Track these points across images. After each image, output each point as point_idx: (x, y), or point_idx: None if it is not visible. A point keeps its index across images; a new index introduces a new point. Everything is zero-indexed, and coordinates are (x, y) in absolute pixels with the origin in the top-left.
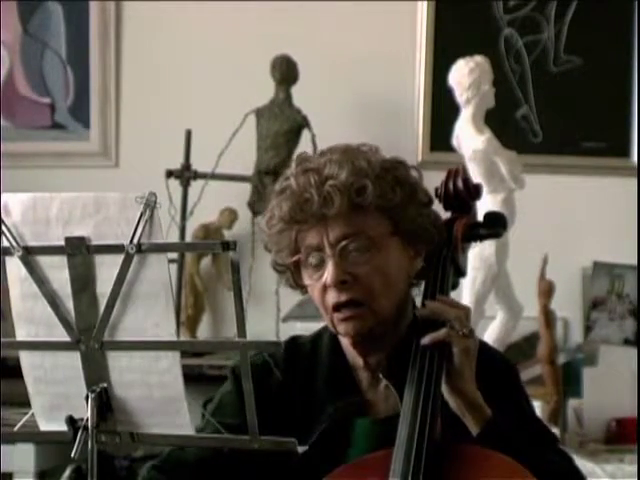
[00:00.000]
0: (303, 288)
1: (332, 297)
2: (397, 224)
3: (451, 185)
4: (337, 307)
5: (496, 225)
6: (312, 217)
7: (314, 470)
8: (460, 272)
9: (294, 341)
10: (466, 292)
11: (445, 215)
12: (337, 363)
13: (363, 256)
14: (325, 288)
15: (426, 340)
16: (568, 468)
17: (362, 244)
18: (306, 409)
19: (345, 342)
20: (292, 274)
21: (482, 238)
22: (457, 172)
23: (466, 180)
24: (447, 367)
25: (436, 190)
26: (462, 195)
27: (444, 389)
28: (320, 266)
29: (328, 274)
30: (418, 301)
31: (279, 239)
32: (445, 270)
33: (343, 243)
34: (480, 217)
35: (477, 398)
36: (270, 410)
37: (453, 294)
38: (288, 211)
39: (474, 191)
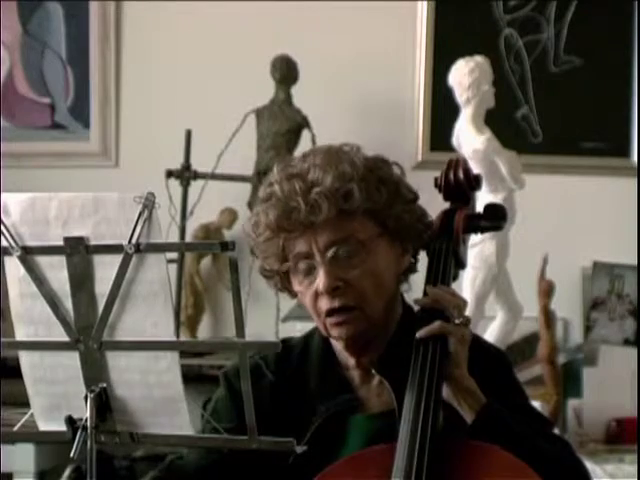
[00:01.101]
0: (292, 292)
1: (325, 303)
2: (384, 224)
3: (451, 175)
4: (330, 312)
5: (496, 217)
6: (300, 225)
7: (310, 468)
8: (460, 263)
9: (285, 343)
10: (466, 292)
11: (444, 206)
12: (328, 363)
13: (353, 260)
14: (317, 294)
15: (422, 333)
16: (568, 455)
17: (351, 248)
18: (299, 409)
19: (336, 343)
20: (281, 279)
21: (482, 230)
22: (458, 162)
23: (467, 171)
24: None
25: (436, 180)
26: (462, 185)
27: None
28: (310, 273)
29: (320, 281)
30: (407, 297)
31: (266, 247)
32: (446, 261)
33: (333, 249)
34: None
35: (471, 385)
36: (263, 412)
37: (453, 286)
38: (275, 220)
39: (474, 182)
